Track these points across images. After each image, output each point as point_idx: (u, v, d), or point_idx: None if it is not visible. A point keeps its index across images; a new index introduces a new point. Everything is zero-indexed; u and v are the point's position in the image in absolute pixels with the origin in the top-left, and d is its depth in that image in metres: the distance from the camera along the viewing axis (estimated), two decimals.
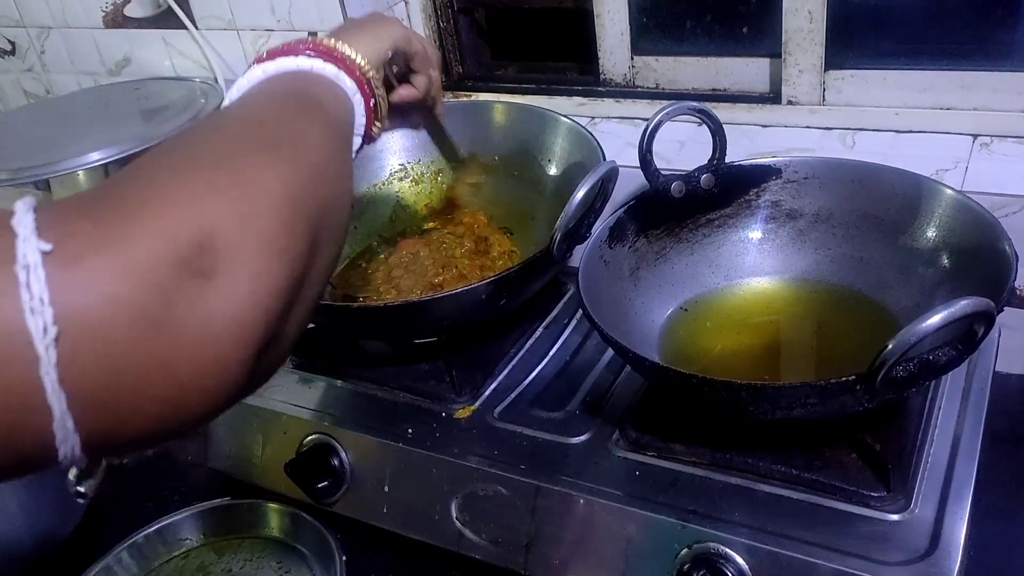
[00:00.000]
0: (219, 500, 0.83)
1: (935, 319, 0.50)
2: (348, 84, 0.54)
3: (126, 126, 1.07)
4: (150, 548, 0.80)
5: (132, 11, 1.20)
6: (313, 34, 1.04)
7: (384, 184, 0.99)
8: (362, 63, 0.55)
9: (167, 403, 0.34)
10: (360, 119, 0.55)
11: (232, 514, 0.82)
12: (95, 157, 0.98)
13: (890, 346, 0.51)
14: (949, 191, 0.69)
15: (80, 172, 1.02)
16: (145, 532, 0.80)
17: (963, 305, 0.50)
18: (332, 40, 0.55)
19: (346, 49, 0.55)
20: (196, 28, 1.14)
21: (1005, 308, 0.83)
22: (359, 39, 0.57)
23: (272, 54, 0.54)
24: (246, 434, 0.84)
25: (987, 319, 0.52)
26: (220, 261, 0.34)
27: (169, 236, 0.33)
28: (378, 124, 0.59)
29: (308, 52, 0.53)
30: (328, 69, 0.53)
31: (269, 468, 0.83)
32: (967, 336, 0.54)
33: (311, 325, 0.89)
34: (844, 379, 0.55)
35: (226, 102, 0.51)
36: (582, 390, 0.79)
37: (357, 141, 0.56)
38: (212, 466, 0.88)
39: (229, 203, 0.36)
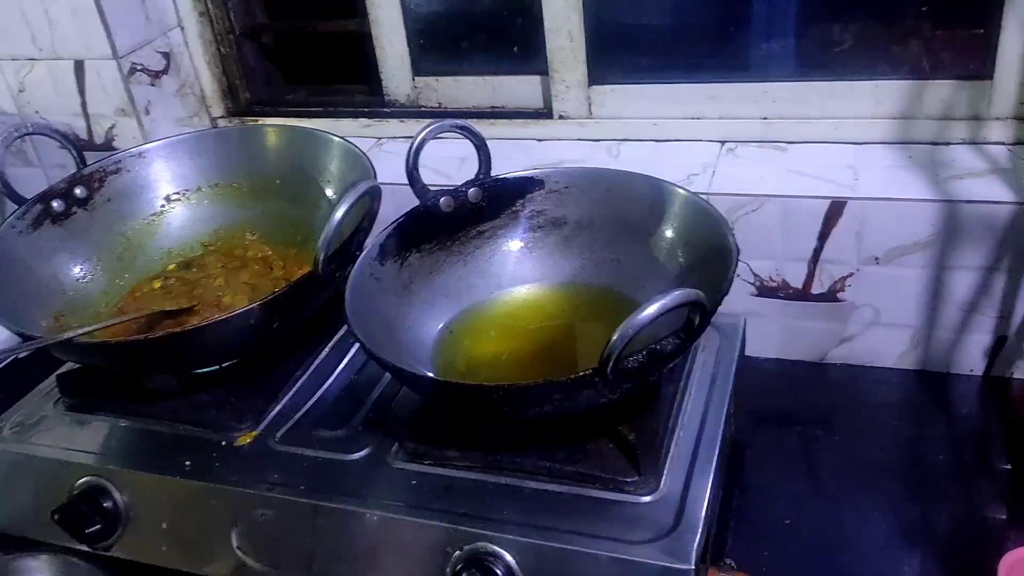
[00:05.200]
0: None
1: (650, 310, 0.54)
2: None
3: None
4: None
5: None
6: (80, 65, 1.01)
7: (159, 215, 0.96)
8: None
9: None
10: None
11: (1, 570, 0.77)
12: None
13: (614, 338, 0.55)
14: (683, 192, 0.75)
15: None
16: None
17: (674, 296, 0.55)
18: None
19: None
20: None
21: (759, 298, 0.91)
22: None
23: None
24: (13, 484, 0.80)
25: (700, 308, 0.57)
26: None
27: None
28: None
29: None
30: None
31: (40, 518, 0.78)
32: (687, 325, 0.59)
33: (77, 364, 0.85)
34: (582, 374, 0.58)
35: None
36: (366, 406, 0.79)
37: None
38: None
39: None
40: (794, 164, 0.90)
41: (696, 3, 0.97)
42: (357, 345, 0.87)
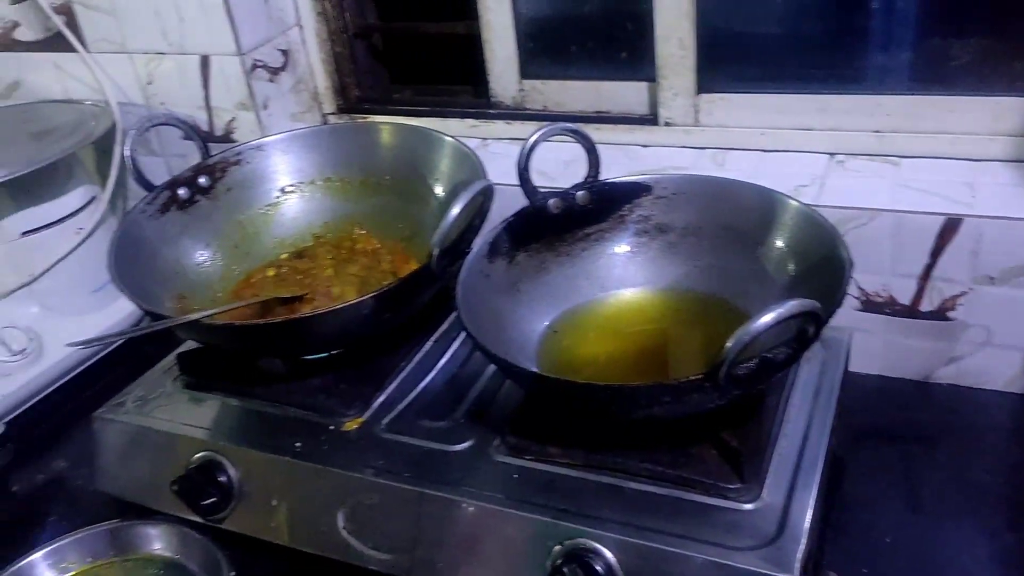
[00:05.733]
0: (106, 523, 0.83)
1: (766, 319, 0.55)
2: None
3: (14, 148, 1.06)
4: (35, 574, 0.79)
5: (22, 34, 1.19)
6: (206, 60, 1.06)
7: (274, 205, 1.00)
8: None
9: None
10: None
11: (121, 535, 0.82)
12: None
13: (729, 344, 0.56)
14: (795, 203, 0.75)
15: None
16: (28, 558, 0.79)
17: (791, 306, 0.55)
18: None
19: None
20: (87, 51, 1.13)
21: (864, 313, 0.90)
22: None
23: None
24: (134, 455, 0.84)
25: (815, 319, 0.57)
26: None
27: None
28: None
29: None
30: None
31: (158, 488, 0.83)
32: (800, 335, 0.59)
33: (195, 345, 0.90)
34: (692, 378, 0.59)
35: None
36: (468, 400, 0.81)
37: None
38: (101, 489, 0.88)
39: None
40: (907, 179, 0.88)
41: (810, 13, 0.97)
42: (460, 339, 0.90)
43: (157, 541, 0.81)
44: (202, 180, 0.96)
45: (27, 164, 1.00)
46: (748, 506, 0.65)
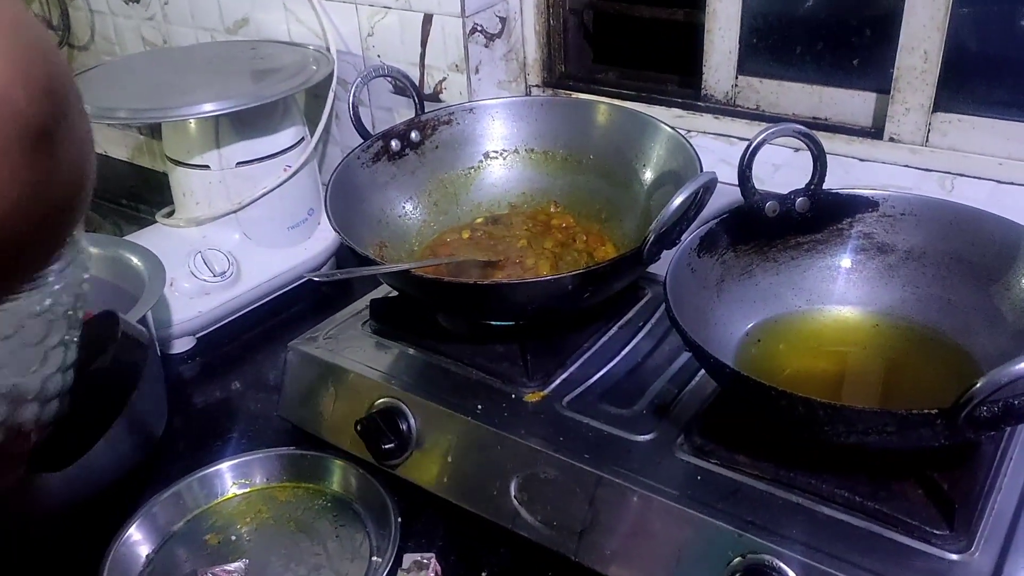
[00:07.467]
0: (286, 448, 0.87)
1: None
2: None
3: (238, 83, 1.11)
4: (218, 482, 0.83)
5: None
6: (429, 18, 1.07)
7: (475, 169, 1.01)
8: None
9: None
10: None
11: (297, 463, 0.85)
12: (208, 108, 1.02)
13: (979, 384, 0.52)
14: None
15: (192, 120, 1.07)
16: (215, 467, 0.84)
17: None
18: None
19: None
20: None
21: None
22: None
23: None
24: (319, 389, 0.87)
25: None
26: None
27: None
28: None
29: None
30: None
31: (337, 424, 0.86)
32: None
33: (387, 293, 0.92)
34: (926, 411, 0.55)
35: None
36: (650, 392, 0.80)
37: None
38: (282, 415, 0.92)
39: None
40: None
41: None
42: (645, 330, 0.88)
43: (331, 475, 0.84)
44: (413, 135, 0.98)
45: (252, 99, 1.04)
46: (955, 556, 0.61)
